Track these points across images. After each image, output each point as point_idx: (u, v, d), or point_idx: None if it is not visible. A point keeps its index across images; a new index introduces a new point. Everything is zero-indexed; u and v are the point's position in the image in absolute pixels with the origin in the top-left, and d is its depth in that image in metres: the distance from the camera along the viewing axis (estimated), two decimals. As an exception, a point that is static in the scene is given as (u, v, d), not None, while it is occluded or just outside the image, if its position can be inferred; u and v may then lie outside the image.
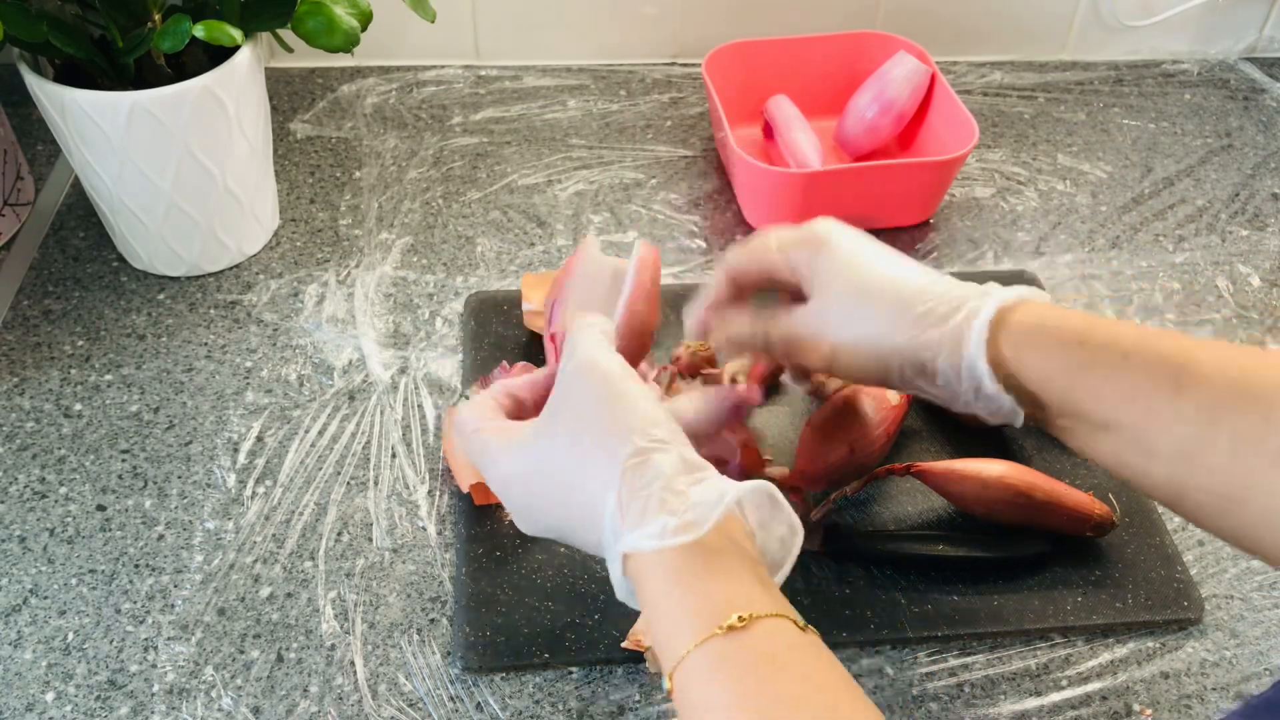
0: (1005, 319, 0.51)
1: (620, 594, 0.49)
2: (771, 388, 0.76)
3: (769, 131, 0.97)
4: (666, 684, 0.43)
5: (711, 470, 0.48)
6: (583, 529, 0.49)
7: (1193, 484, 0.47)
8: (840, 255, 0.55)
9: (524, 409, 0.56)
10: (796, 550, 0.49)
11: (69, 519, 0.68)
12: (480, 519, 0.67)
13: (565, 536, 0.51)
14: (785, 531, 0.49)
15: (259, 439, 0.73)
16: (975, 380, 0.51)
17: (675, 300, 0.71)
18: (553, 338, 0.62)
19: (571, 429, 0.49)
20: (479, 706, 0.59)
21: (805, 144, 0.92)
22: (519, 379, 0.57)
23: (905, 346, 0.53)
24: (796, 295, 0.58)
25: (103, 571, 0.65)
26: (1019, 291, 0.52)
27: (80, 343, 0.79)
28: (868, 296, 0.54)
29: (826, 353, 0.55)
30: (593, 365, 0.50)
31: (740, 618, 0.43)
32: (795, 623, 0.44)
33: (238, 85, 0.76)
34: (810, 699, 0.42)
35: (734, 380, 0.66)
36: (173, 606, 0.64)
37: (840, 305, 0.55)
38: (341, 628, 0.63)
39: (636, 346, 0.60)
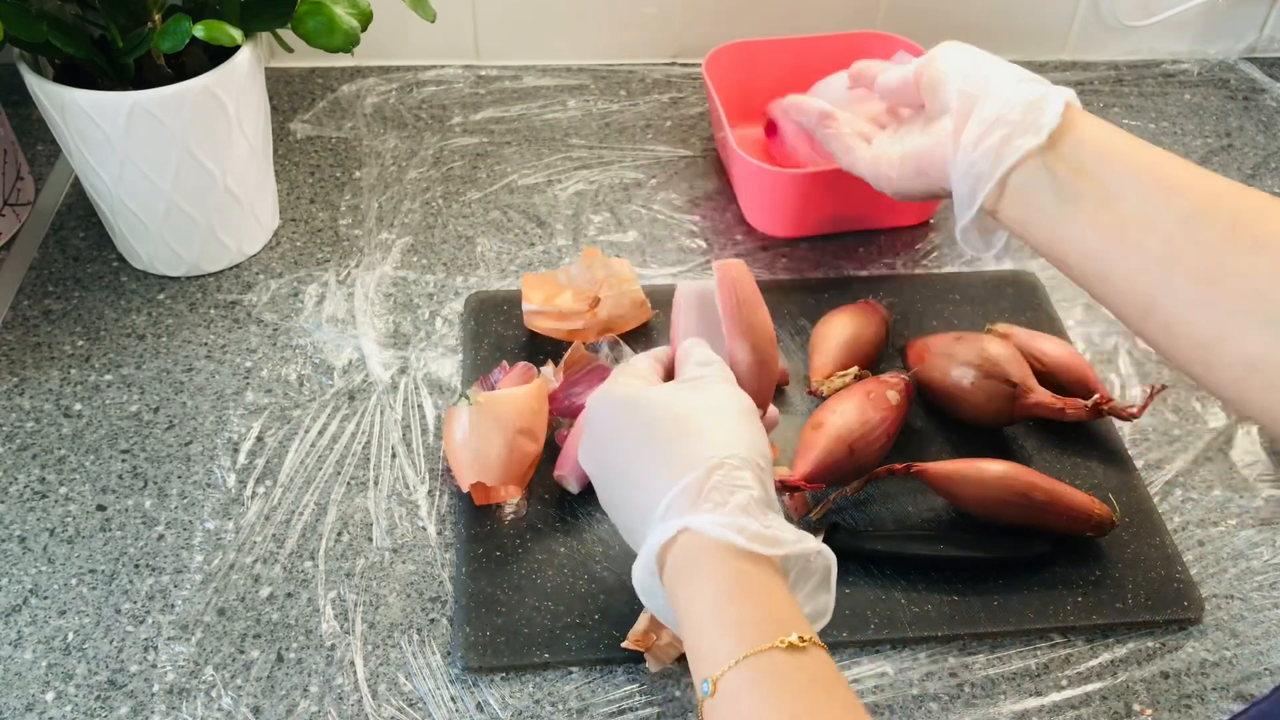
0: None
1: (640, 577, 0.50)
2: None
3: (771, 129, 0.97)
4: (708, 686, 0.44)
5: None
6: (640, 492, 0.51)
7: (1181, 263, 0.53)
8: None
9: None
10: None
11: (69, 519, 0.68)
12: (480, 519, 0.67)
13: (614, 488, 0.54)
14: (810, 610, 0.51)
15: (259, 439, 0.73)
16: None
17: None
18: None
19: (692, 412, 0.52)
20: (479, 706, 0.60)
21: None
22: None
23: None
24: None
25: (103, 571, 0.65)
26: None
27: (80, 343, 0.79)
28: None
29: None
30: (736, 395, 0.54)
31: (801, 638, 0.44)
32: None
33: (238, 85, 0.76)
34: None
35: (781, 481, 0.67)
36: (173, 606, 0.64)
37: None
38: (341, 628, 0.63)
39: (766, 360, 0.59)
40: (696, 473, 0.48)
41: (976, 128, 0.61)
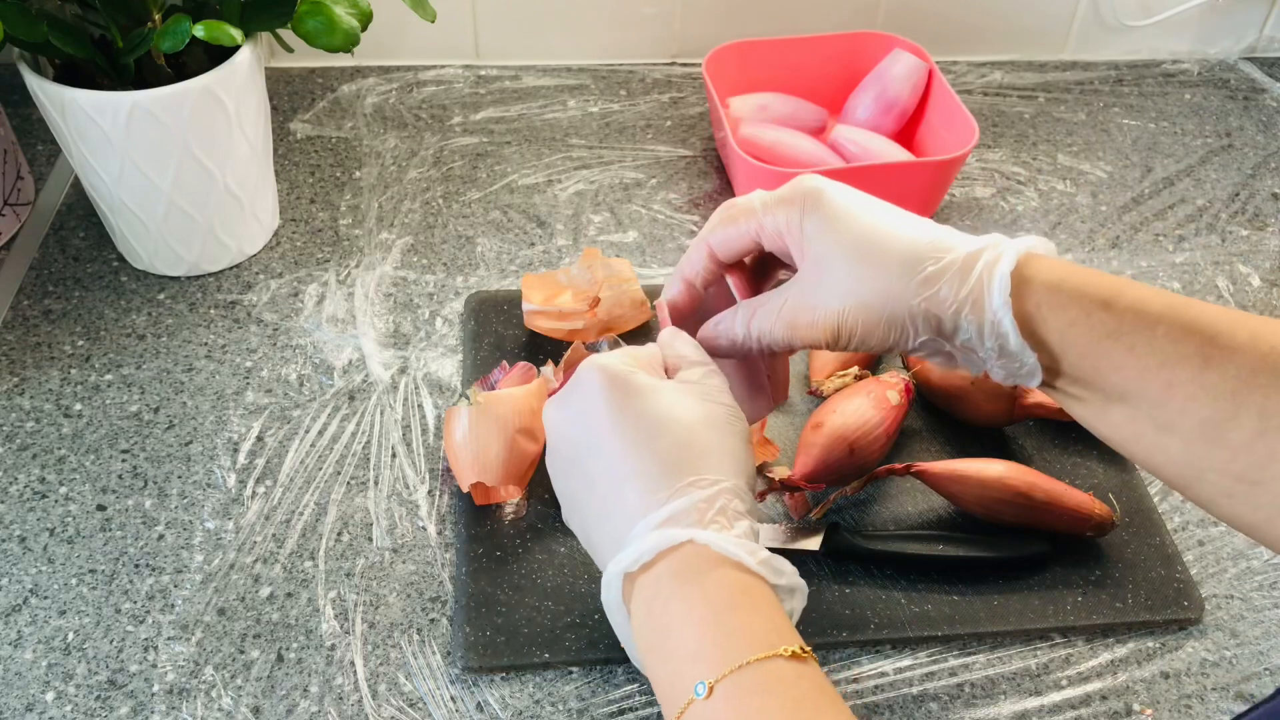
0: (1024, 274, 0.48)
1: (611, 588, 0.50)
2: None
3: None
4: (703, 688, 0.44)
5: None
6: (628, 481, 0.50)
7: (1210, 464, 0.45)
8: (834, 211, 0.51)
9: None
10: None
11: (69, 519, 0.68)
12: (480, 519, 0.67)
13: (581, 497, 0.53)
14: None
15: (259, 439, 0.73)
16: (999, 337, 0.48)
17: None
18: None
19: (701, 423, 0.51)
20: (479, 706, 0.60)
21: (800, 141, 0.92)
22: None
23: (921, 306, 0.49)
24: (768, 270, 0.59)
25: (103, 571, 0.65)
26: (1029, 242, 0.49)
27: (80, 343, 0.79)
28: (872, 254, 0.50)
29: (831, 326, 0.50)
30: (734, 414, 0.52)
31: (803, 649, 0.45)
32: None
33: (238, 85, 0.76)
34: None
35: (781, 481, 0.67)
36: (173, 606, 0.64)
37: (842, 266, 0.50)
38: (341, 628, 0.63)
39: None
40: (707, 491, 0.48)
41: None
